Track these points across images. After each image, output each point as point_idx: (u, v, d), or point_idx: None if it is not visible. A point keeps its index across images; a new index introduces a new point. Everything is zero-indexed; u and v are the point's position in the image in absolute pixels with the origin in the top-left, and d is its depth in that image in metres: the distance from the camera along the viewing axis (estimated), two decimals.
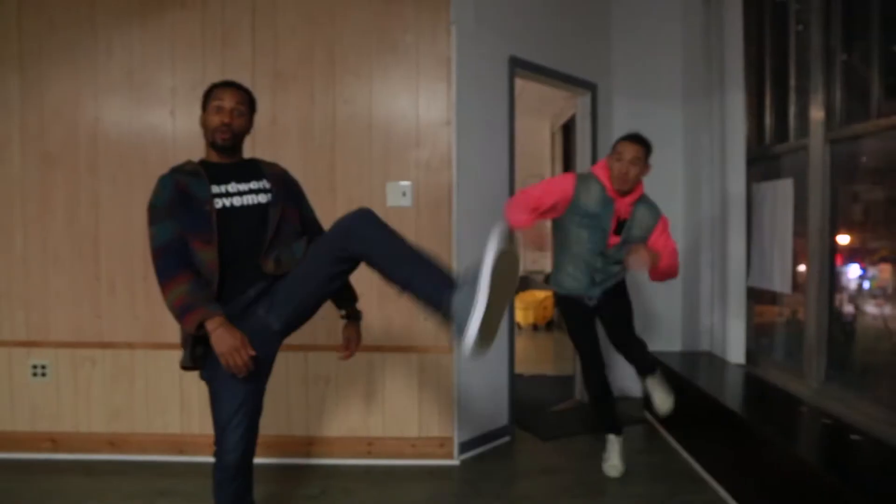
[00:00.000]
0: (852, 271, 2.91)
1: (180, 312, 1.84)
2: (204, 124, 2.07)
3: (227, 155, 2.08)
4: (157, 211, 1.93)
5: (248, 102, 2.12)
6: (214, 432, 1.97)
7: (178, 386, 3.20)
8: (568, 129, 7.41)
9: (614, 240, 2.85)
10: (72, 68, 3.20)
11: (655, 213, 2.89)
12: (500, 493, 2.89)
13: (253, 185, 2.06)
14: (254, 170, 2.10)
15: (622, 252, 2.85)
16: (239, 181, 2.03)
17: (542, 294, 6.84)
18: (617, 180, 2.77)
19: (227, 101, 2.04)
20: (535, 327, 6.86)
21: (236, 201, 2.01)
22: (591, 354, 3.04)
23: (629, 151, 2.75)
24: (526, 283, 6.87)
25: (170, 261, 1.89)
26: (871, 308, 2.79)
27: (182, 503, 2.75)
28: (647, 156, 2.79)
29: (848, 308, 2.94)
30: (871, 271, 2.80)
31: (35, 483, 2.97)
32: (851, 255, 2.92)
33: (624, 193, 2.80)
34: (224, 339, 1.81)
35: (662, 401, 3.06)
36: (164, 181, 1.99)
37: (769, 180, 3.46)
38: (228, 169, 2.06)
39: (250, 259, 1.97)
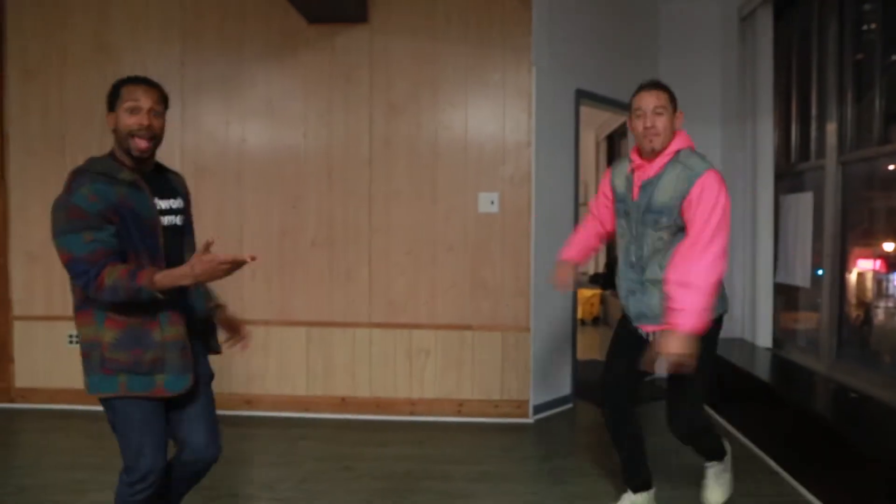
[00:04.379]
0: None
1: (129, 280, 1.80)
2: (115, 128, 1.95)
3: (145, 164, 2.00)
4: (91, 217, 1.82)
5: (164, 102, 2.02)
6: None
7: (304, 356, 4.14)
8: (612, 140, 8.30)
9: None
10: (223, 97, 4.16)
11: (692, 174, 2.32)
12: (568, 442, 3.80)
13: (172, 203, 2.05)
14: (172, 185, 2.10)
15: (657, 234, 2.41)
16: (163, 197, 2.01)
17: (588, 292, 7.75)
18: (643, 139, 2.39)
19: (144, 100, 1.94)
20: (582, 322, 7.75)
21: (167, 220, 2.00)
22: (610, 374, 2.67)
23: (648, 101, 2.38)
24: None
25: (106, 262, 1.83)
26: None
27: (319, 444, 3.68)
28: (674, 102, 2.43)
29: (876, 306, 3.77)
30: None
31: None
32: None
33: (653, 156, 2.42)
34: (195, 272, 1.83)
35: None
36: (97, 189, 1.85)
37: (794, 193, 4.31)
38: (157, 181, 2.03)
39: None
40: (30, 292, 4.29)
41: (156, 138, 1.98)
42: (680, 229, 2.40)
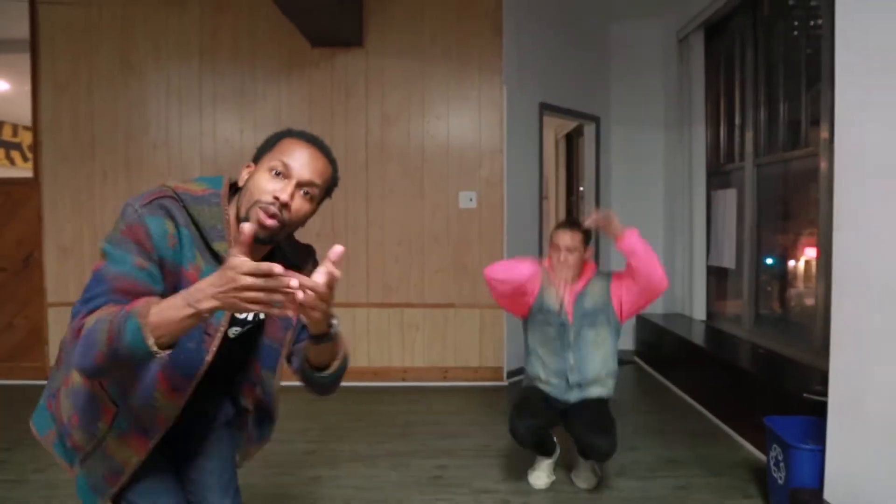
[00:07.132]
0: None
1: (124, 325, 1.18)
2: (247, 186, 1.42)
3: (258, 248, 1.40)
4: (152, 250, 1.33)
5: (327, 185, 1.49)
6: None
7: None
8: (570, 139, 9.22)
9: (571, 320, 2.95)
10: (237, 108, 4.91)
11: (607, 276, 3.00)
12: None
13: (248, 314, 1.47)
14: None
15: (585, 338, 2.92)
16: None
17: None
18: (557, 269, 2.91)
19: (300, 169, 1.41)
20: None
21: (233, 331, 1.50)
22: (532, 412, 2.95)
23: (564, 238, 2.90)
24: None
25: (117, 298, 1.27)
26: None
27: (331, 405, 4.45)
28: (587, 240, 2.94)
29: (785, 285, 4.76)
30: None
31: None
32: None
33: (572, 282, 2.95)
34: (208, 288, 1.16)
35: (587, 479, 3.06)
36: (184, 237, 1.37)
37: (722, 189, 5.27)
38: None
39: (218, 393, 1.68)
40: (62, 281, 4.97)
41: (288, 225, 1.42)
42: (609, 324, 2.98)
